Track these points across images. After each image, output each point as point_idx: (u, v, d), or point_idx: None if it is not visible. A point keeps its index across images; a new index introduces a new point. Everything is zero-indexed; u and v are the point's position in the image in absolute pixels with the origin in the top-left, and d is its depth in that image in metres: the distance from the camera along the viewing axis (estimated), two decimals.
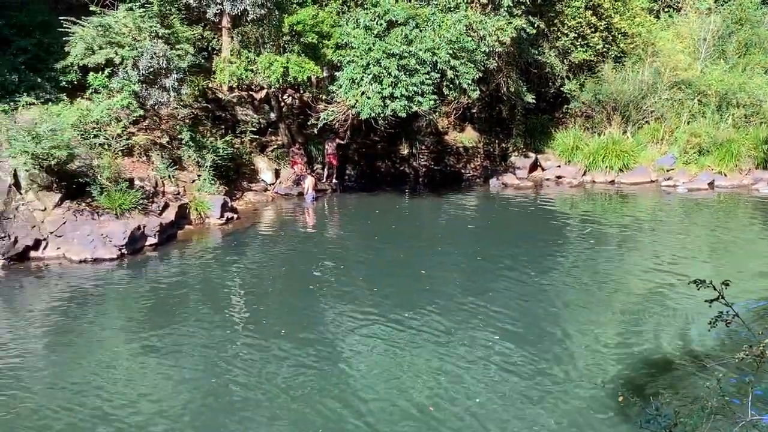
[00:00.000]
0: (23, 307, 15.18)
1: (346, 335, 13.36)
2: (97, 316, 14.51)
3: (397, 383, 11.43)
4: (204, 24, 25.53)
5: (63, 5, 23.65)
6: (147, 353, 12.56)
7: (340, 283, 16.55)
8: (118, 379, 11.51)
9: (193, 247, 19.56)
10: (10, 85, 20.44)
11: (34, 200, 18.60)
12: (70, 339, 13.17)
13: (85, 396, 10.91)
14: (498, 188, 28.65)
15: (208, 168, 22.56)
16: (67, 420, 10.23)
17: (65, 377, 11.57)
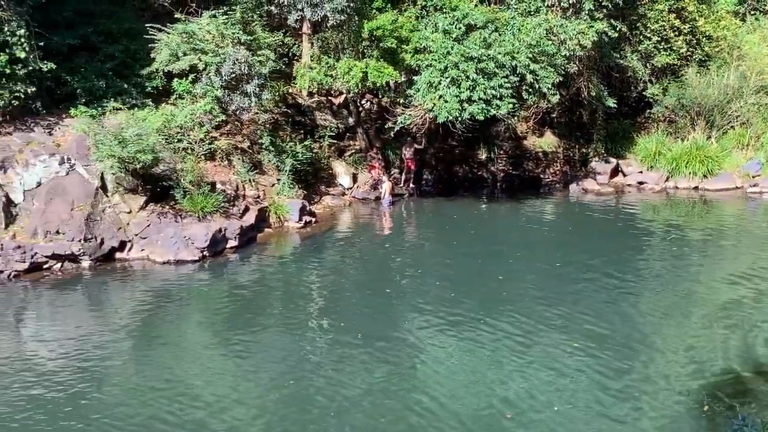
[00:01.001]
0: (108, 306, 15.64)
1: (422, 340, 13.36)
2: (179, 316, 14.85)
3: (475, 389, 11.37)
4: (285, 30, 25.86)
5: (149, 13, 24.31)
6: (227, 354, 12.78)
7: (417, 287, 16.57)
8: (199, 380, 11.73)
9: (272, 250, 19.83)
10: (98, 90, 21.08)
11: (120, 203, 19.15)
12: (153, 339, 13.50)
13: (165, 397, 11.15)
14: (578, 194, 28.24)
15: (288, 172, 22.85)
16: (146, 420, 10.45)
17: (147, 377, 11.85)
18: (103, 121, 19.64)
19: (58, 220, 18.04)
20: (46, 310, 15.47)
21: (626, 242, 20.75)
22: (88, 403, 10.88)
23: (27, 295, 16.06)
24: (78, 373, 11.90)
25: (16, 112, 19.77)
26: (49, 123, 20.20)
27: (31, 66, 19.42)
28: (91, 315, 15.04)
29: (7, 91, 19.10)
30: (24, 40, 19.03)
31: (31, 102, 19.99)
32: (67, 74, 20.94)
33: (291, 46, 26.33)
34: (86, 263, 17.71)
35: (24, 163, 18.74)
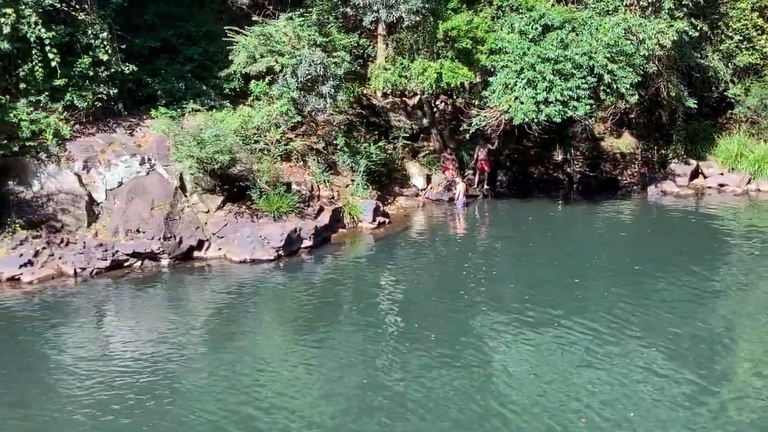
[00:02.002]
0: (186, 304, 15.92)
1: (497, 342, 13.25)
2: (254, 315, 15.03)
3: (548, 392, 11.22)
4: (360, 32, 25.98)
5: (228, 15, 24.70)
6: (301, 354, 12.87)
7: (492, 289, 16.44)
8: (273, 380, 11.83)
9: (346, 250, 19.93)
10: (178, 92, 21.51)
11: (198, 203, 19.49)
12: (228, 337, 13.68)
13: (239, 395, 11.26)
14: (656, 196, 27.64)
15: (362, 173, 22.94)
16: (219, 418, 10.57)
17: (222, 375, 12.00)
18: (182, 122, 20.03)
19: (138, 219, 18.45)
20: (127, 307, 15.83)
21: (707, 245, 20.24)
22: (163, 399, 11.08)
23: (108, 292, 16.46)
24: (156, 369, 12.13)
25: (98, 114, 20.31)
26: (130, 124, 20.71)
27: (114, 68, 19.93)
28: (169, 312, 15.33)
29: (90, 92, 19.62)
30: (107, 43, 19.53)
31: (113, 103, 20.52)
32: (148, 76, 21.43)
33: (366, 48, 26.42)
34: (165, 261, 18.06)
35: (106, 163, 19.23)
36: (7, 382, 11.65)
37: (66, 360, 12.55)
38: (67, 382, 11.67)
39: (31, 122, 18.46)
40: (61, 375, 11.92)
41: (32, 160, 18.53)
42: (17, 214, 17.72)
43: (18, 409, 10.73)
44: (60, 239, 17.73)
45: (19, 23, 18.16)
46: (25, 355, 12.85)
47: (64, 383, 11.62)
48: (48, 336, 13.65)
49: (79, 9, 19.41)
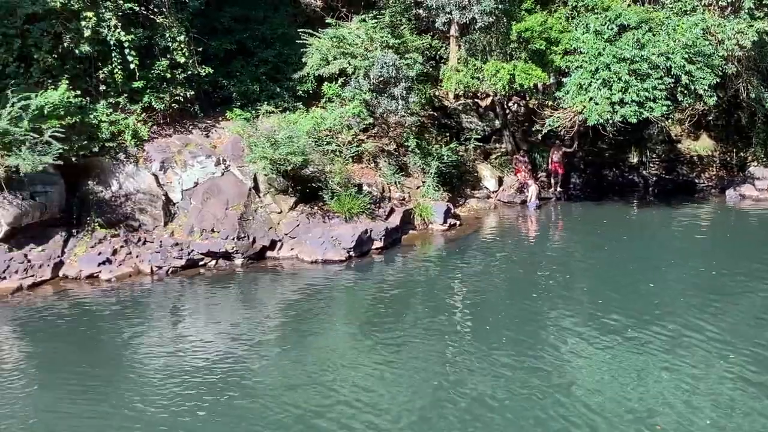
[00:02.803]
0: (259, 303, 16.11)
1: (568, 346, 13.05)
2: (326, 315, 15.11)
3: (623, 398, 11.00)
4: (432, 33, 25.96)
5: (302, 18, 24.95)
6: (372, 355, 12.89)
7: (564, 293, 16.22)
8: (343, 380, 11.86)
9: (416, 252, 19.92)
10: (252, 94, 21.83)
11: (272, 203, 19.73)
12: (301, 336, 13.78)
13: (309, 394, 11.31)
14: (735, 200, 26.93)
15: (433, 175, 22.90)
16: (288, 417, 10.63)
17: (295, 373, 12.09)
18: (256, 124, 20.29)
19: (213, 219, 18.76)
20: (201, 305, 16.10)
21: None
22: (238, 395, 11.20)
23: (183, 290, 16.76)
24: (230, 367, 12.28)
25: (175, 115, 20.73)
26: (206, 125, 21.08)
27: (190, 71, 20.32)
28: (243, 311, 15.53)
29: (168, 94, 20.04)
30: (184, 46, 19.91)
31: (190, 105, 20.92)
32: (224, 78, 21.80)
33: (438, 49, 26.39)
34: (239, 261, 18.31)
35: (182, 164, 19.60)
36: (86, 377, 11.94)
37: (142, 356, 12.81)
38: (143, 377, 11.90)
39: (110, 123, 18.94)
40: (138, 371, 12.17)
41: (111, 160, 19.01)
42: (96, 213, 18.17)
43: (96, 405, 10.98)
44: (137, 238, 18.13)
45: (100, 26, 18.65)
46: (103, 350, 13.17)
47: (141, 379, 11.85)
48: (125, 332, 13.96)
49: (158, 12, 19.85)
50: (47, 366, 12.34)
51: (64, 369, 12.15)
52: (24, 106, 16.69)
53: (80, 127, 18.31)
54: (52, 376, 11.84)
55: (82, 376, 11.90)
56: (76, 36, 18.57)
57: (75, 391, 11.29)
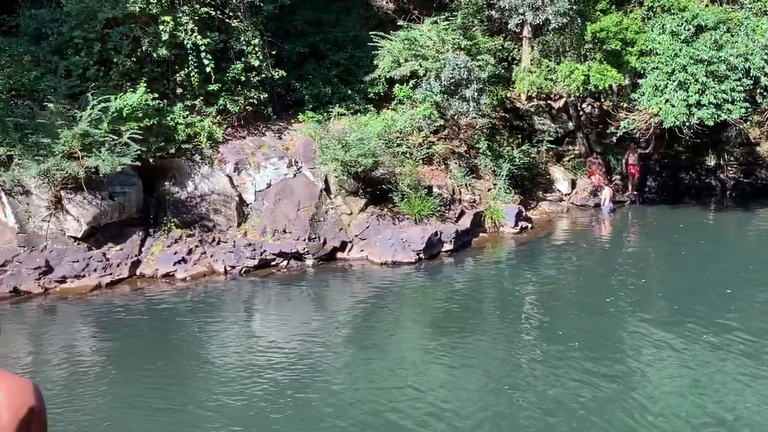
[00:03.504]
0: (329, 304, 16.26)
1: (641, 353, 12.83)
2: (394, 317, 15.16)
3: (696, 409, 10.76)
4: (505, 34, 25.82)
5: (373, 21, 25.09)
6: (440, 357, 12.88)
7: (639, 298, 15.94)
8: (411, 382, 11.86)
9: (487, 255, 19.83)
10: (324, 96, 22.04)
11: (342, 204, 19.88)
12: (371, 337, 13.86)
13: (376, 395, 11.36)
14: None
15: (504, 177, 22.76)
16: (355, 418, 10.70)
17: (364, 373, 12.15)
18: (328, 126, 20.47)
19: (285, 219, 19.00)
20: (273, 305, 16.34)
21: None
22: (308, 394, 11.29)
23: (256, 290, 17.02)
24: (300, 366, 12.40)
25: (249, 117, 21.06)
26: (279, 128, 21.36)
27: (264, 74, 20.61)
28: (313, 311, 15.70)
29: (242, 97, 20.36)
30: (258, 49, 20.21)
31: (263, 108, 21.21)
32: (297, 81, 22.06)
33: (510, 51, 26.23)
34: (310, 262, 18.50)
35: (256, 166, 19.90)
36: (160, 374, 12.21)
37: (216, 354, 13.05)
38: (218, 374, 12.11)
39: (186, 125, 19.35)
40: (212, 368, 12.39)
41: (187, 161, 19.41)
42: (173, 213, 18.58)
43: (170, 401, 11.22)
44: (212, 238, 18.48)
45: (177, 30, 19.05)
46: (178, 348, 13.45)
47: (216, 376, 12.07)
48: (200, 330, 14.24)
49: (233, 16, 20.19)
50: (124, 362, 12.66)
51: (140, 365, 12.44)
52: (104, 109, 17.17)
53: (157, 129, 18.76)
54: (128, 372, 12.14)
55: (157, 373, 12.17)
56: (154, 40, 19.02)
57: (150, 387, 11.55)
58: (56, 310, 15.53)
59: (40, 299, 15.92)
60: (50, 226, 17.25)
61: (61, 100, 17.77)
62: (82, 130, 16.72)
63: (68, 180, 17.08)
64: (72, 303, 15.79)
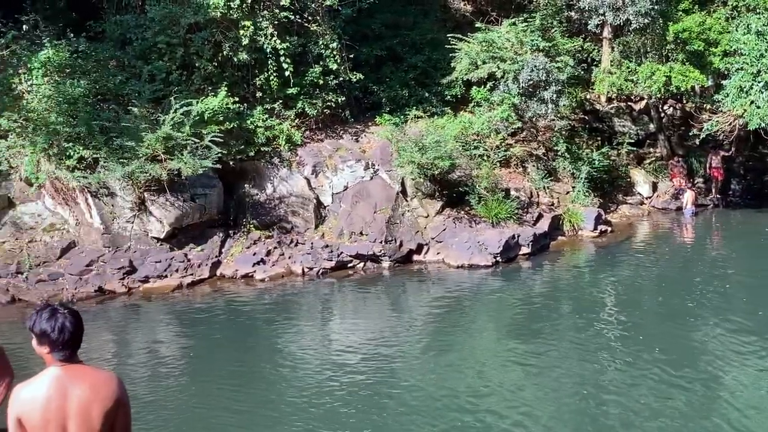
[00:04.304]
0: (405, 306, 16.27)
1: (726, 363, 12.45)
2: (470, 320, 15.08)
3: None
4: (584, 36, 25.47)
5: (451, 23, 25.04)
6: (515, 362, 12.74)
7: (723, 305, 15.49)
8: (485, 387, 11.75)
9: (565, 259, 19.57)
10: (401, 99, 22.08)
11: (419, 207, 19.88)
12: (447, 340, 13.80)
13: (449, 399, 11.26)
14: None
15: (583, 180, 22.43)
16: (427, 420, 10.63)
17: (440, 376, 12.09)
18: (404, 129, 20.49)
19: (362, 222, 19.09)
20: (350, 306, 16.43)
21: None
22: (383, 395, 11.28)
23: (333, 291, 17.14)
24: (376, 367, 12.41)
25: (327, 120, 21.25)
26: (356, 130, 21.49)
27: (342, 77, 20.76)
28: (389, 313, 15.73)
29: (320, 100, 20.54)
30: (336, 53, 20.36)
31: (341, 111, 21.37)
32: (374, 84, 22.16)
33: (590, 52, 25.85)
34: (386, 264, 18.54)
35: (333, 168, 20.05)
36: (238, 373, 12.36)
37: (293, 354, 13.17)
38: (294, 374, 12.21)
39: (266, 129, 19.61)
40: (289, 368, 12.50)
41: (266, 164, 19.68)
42: (252, 215, 18.84)
43: (247, 400, 11.36)
44: (290, 240, 18.68)
45: (257, 35, 19.33)
46: (256, 347, 13.63)
47: (292, 376, 12.17)
48: (278, 330, 14.40)
49: (312, 20, 20.40)
50: (204, 361, 12.88)
51: (220, 365, 12.63)
52: (186, 112, 17.53)
53: (237, 132, 19.08)
54: (209, 371, 12.34)
55: (237, 373, 12.33)
56: (234, 44, 19.35)
57: (229, 387, 11.69)
58: (139, 309, 15.92)
59: (123, 298, 16.33)
60: (134, 227, 17.70)
61: (144, 104, 18.24)
62: (165, 134, 17.10)
63: (151, 182, 17.51)
64: (154, 302, 16.17)
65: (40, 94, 17.48)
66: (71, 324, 4.69)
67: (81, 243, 17.50)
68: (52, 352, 4.71)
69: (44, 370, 4.79)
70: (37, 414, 4.67)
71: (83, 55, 18.87)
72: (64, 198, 17.79)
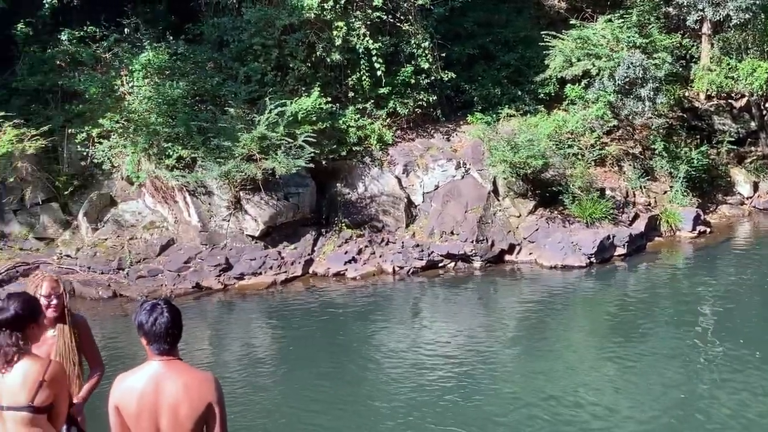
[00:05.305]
0: (497, 307, 16.18)
1: None
2: (563, 322, 14.89)
3: None
4: (683, 32, 24.80)
5: (545, 20, 24.70)
6: (611, 364, 12.50)
7: None
8: (580, 389, 11.56)
9: (662, 260, 19.09)
10: (493, 98, 21.89)
11: (510, 206, 19.70)
12: (539, 341, 13.65)
13: (544, 402, 11.12)
14: None
15: (681, 179, 21.82)
16: (522, 422, 10.51)
17: (531, 379, 11.97)
18: (496, 127, 20.33)
19: (452, 221, 19.03)
20: (440, 306, 16.43)
21: None
22: (472, 397, 11.22)
23: (423, 291, 17.16)
24: (465, 368, 12.35)
25: (418, 120, 21.25)
26: (447, 129, 21.43)
27: (434, 76, 20.72)
28: (480, 313, 15.66)
29: (412, 99, 20.56)
30: (428, 52, 20.34)
31: (432, 110, 21.32)
32: (465, 83, 22.02)
33: (689, 48, 25.14)
34: (477, 264, 18.42)
35: (424, 168, 20.05)
36: (328, 371, 12.48)
37: (384, 353, 13.24)
38: (385, 373, 12.28)
39: (357, 128, 19.75)
40: (380, 367, 12.58)
41: (358, 163, 19.82)
42: (343, 214, 19.00)
43: (341, 400, 11.46)
44: (381, 239, 18.77)
45: (350, 35, 19.48)
46: (347, 345, 13.76)
47: (383, 375, 12.25)
48: (369, 329, 14.51)
49: (404, 20, 20.44)
50: (297, 359, 13.07)
51: (312, 363, 12.78)
52: (280, 113, 17.80)
53: (330, 131, 19.27)
54: (302, 369, 12.49)
55: (329, 371, 12.46)
56: (327, 45, 19.54)
57: (322, 385, 11.81)
58: (234, 305, 16.26)
59: (219, 295, 16.70)
60: (230, 225, 18.08)
61: (240, 104, 18.61)
62: (260, 134, 17.41)
63: (247, 181, 17.85)
64: (249, 299, 16.48)
65: (140, 95, 18.03)
66: (167, 318, 4.82)
67: (179, 240, 17.98)
68: (149, 345, 4.86)
69: (146, 362, 4.92)
70: (132, 404, 4.81)
71: (182, 57, 19.39)
72: (164, 196, 18.32)
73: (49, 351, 6.28)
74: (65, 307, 6.43)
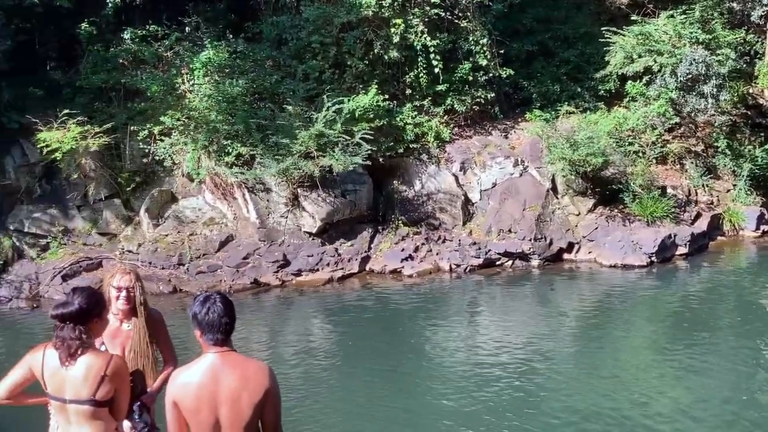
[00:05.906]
0: (555, 305, 15.99)
1: None
2: (624, 321, 14.65)
3: None
4: (747, 27, 24.24)
5: (605, 16, 24.35)
6: (672, 365, 12.24)
7: None
8: (641, 389, 11.35)
9: (725, 260, 18.70)
10: (552, 95, 21.66)
11: (569, 205, 19.48)
12: (598, 342, 13.46)
13: (604, 401, 10.94)
14: None
15: (745, 177, 21.35)
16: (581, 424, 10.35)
17: (591, 379, 11.80)
18: (555, 125, 20.12)
19: (510, 219, 18.89)
20: (497, 304, 16.30)
21: None
22: (530, 396, 11.09)
23: (480, 289, 17.05)
24: (522, 368, 12.20)
25: (476, 117, 21.15)
26: (505, 127, 21.28)
27: (492, 73, 20.59)
28: (538, 312, 15.50)
29: (469, 97, 20.46)
30: (486, 49, 20.22)
31: (490, 107, 21.19)
32: (524, 80, 21.84)
33: (753, 44, 24.56)
34: (535, 262, 18.27)
35: (481, 165, 19.95)
36: (383, 369, 12.42)
37: (441, 351, 13.17)
38: (442, 372, 12.20)
39: (414, 125, 19.72)
40: (437, 365, 12.51)
41: (415, 161, 19.80)
42: (400, 211, 19.00)
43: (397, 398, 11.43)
44: (437, 236, 18.72)
45: (407, 33, 19.46)
46: (403, 343, 13.71)
47: (440, 373, 12.16)
48: (425, 326, 14.46)
49: (462, 17, 20.35)
50: (354, 356, 13.07)
51: (369, 360, 12.75)
52: (338, 110, 17.87)
53: (387, 129, 19.28)
54: (358, 366, 12.48)
55: (385, 369, 12.40)
56: (385, 42, 19.55)
57: (378, 383, 11.78)
58: (292, 301, 16.37)
59: (277, 291, 16.83)
60: (287, 221, 18.21)
61: (299, 102, 18.73)
62: (317, 131, 17.50)
63: (304, 178, 17.96)
64: (306, 295, 16.57)
65: (201, 93, 18.28)
66: (219, 308, 4.82)
67: (238, 236, 18.17)
68: (203, 335, 4.86)
69: (201, 356, 4.95)
70: (190, 398, 4.83)
71: (241, 55, 19.60)
72: (223, 193, 18.53)
73: (123, 344, 6.29)
74: (139, 301, 6.34)
